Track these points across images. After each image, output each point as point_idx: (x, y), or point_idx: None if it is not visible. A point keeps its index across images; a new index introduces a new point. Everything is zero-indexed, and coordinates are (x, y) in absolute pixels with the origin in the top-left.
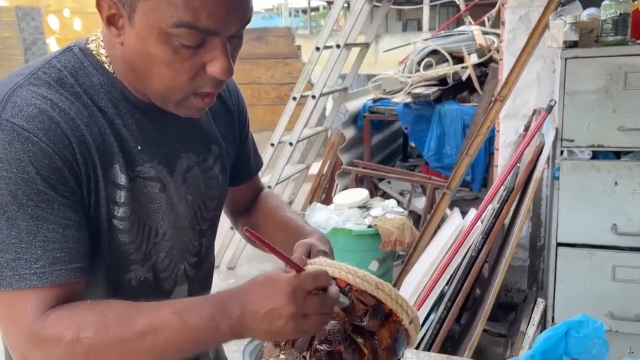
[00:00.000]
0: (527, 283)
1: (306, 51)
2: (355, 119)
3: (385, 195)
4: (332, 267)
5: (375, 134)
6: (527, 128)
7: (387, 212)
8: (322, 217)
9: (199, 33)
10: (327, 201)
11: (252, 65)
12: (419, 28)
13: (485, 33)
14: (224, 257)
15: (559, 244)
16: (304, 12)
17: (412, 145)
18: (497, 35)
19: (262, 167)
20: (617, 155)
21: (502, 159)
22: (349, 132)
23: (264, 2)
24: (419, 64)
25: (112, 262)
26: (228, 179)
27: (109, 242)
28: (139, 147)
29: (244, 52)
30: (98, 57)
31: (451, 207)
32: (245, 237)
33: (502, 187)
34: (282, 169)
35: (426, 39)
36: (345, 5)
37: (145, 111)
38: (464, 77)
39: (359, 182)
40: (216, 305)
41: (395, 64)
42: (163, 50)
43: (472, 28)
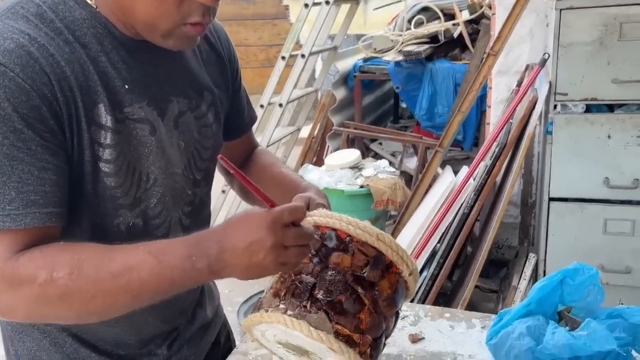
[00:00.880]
0: (518, 239)
1: (294, 11)
2: (345, 79)
3: (377, 156)
4: (332, 219)
5: (366, 95)
6: (519, 84)
7: (379, 172)
8: (314, 178)
9: None
10: (318, 163)
11: (240, 27)
12: None
13: None
14: (216, 220)
15: (551, 199)
16: None
17: (403, 106)
18: None
19: (256, 121)
20: (611, 108)
21: (494, 117)
22: (340, 93)
23: None
24: (409, 21)
25: (98, 206)
26: (222, 129)
27: (95, 185)
28: (126, 87)
29: (231, 13)
30: None
31: (443, 166)
32: (239, 192)
33: (495, 143)
34: (272, 131)
35: None
36: None
37: (132, 49)
38: (455, 34)
39: (350, 143)
40: (192, 244)
41: (385, 24)
42: None
43: None
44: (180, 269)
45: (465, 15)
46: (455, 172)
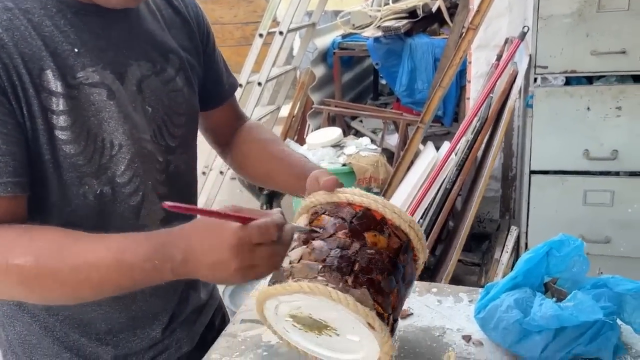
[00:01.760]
0: (499, 212)
1: None
2: (324, 56)
3: (358, 134)
4: (367, 198)
5: (346, 72)
6: (499, 58)
7: (361, 150)
8: None
9: None
10: (299, 142)
11: (215, 4)
12: None
13: None
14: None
15: (532, 172)
16: None
17: (383, 83)
18: None
19: (237, 88)
20: (590, 80)
21: (474, 91)
22: (319, 71)
23: None
24: None
25: (62, 176)
26: (197, 94)
27: (54, 154)
28: (76, 50)
29: None
30: None
31: (424, 142)
32: (235, 168)
33: (476, 118)
34: (252, 111)
35: None
36: None
37: (79, 11)
38: (434, 9)
39: (331, 121)
40: (154, 247)
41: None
42: None
43: None
44: (140, 269)
45: None
46: (437, 147)
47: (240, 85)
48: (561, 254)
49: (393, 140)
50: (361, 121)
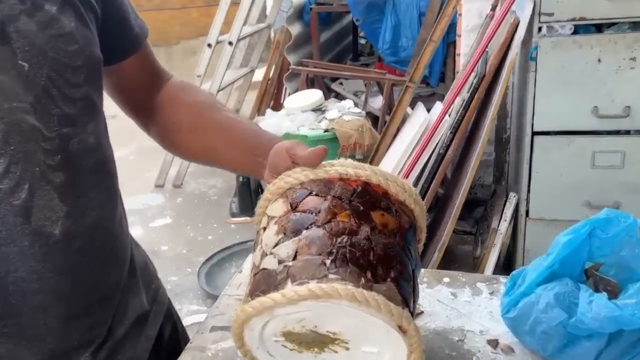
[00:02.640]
0: (492, 177)
1: None
2: (300, 13)
3: (339, 97)
4: (364, 170)
5: (324, 30)
6: (494, 8)
7: (344, 114)
8: (271, 124)
9: None
10: (276, 108)
11: None
12: None
13: None
14: (168, 175)
15: (535, 133)
16: None
17: (363, 42)
18: None
19: (148, 33)
20: (600, 28)
21: (465, 46)
22: (295, 29)
23: None
24: None
25: None
26: (97, 43)
27: None
28: None
29: None
30: None
31: (411, 104)
32: (164, 143)
33: (472, 74)
34: (222, 74)
35: None
36: None
37: None
38: None
39: (310, 84)
40: None
41: None
42: None
43: None
44: None
45: None
46: (427, 110)
47: (209, 45)
48: (608, 235)
49: (376, 103)
50: (341, 84)
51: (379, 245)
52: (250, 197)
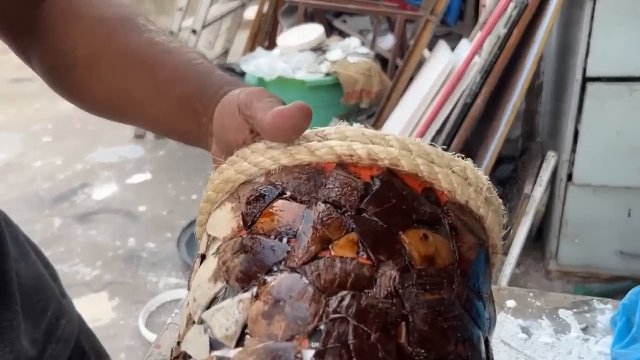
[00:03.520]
0: (521, 130)
1: None
2: None
3: (343, 36)
4: (381, 145)
5: None
6: None
7: (349, 55)
8: (262, 63)
9: None
10: (270, 48)
11: None
12: None
13: None
14: None
15: (587, 79)
16: None
17: None
18: None
19: None
20: None
21: None
22: None
23: None
24: None
25: None
26: None
27: None
28: None
29: None
30: None
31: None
32: (55, 82)
33: (512, 4)
34: (207, 9)
35: None
36: None
37: None
38: None
39: (309, 19)
40: None
41: None
42: None
43: None
44: None
45: None
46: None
47: None
48: None
49: (385, 43)
50: (344, 21)
51: (420, 311)
52: None
